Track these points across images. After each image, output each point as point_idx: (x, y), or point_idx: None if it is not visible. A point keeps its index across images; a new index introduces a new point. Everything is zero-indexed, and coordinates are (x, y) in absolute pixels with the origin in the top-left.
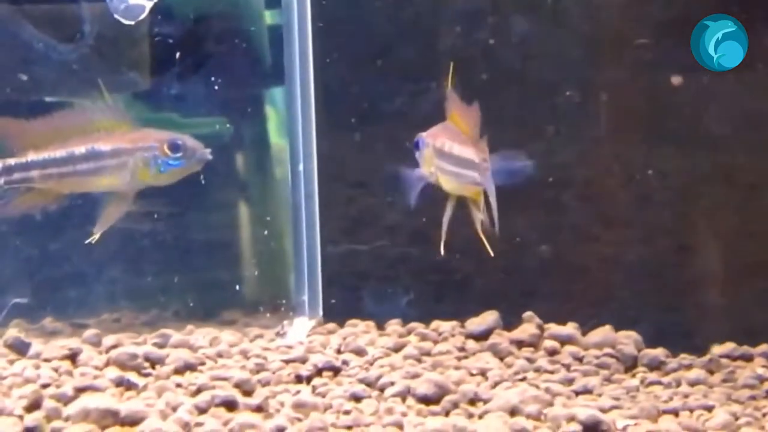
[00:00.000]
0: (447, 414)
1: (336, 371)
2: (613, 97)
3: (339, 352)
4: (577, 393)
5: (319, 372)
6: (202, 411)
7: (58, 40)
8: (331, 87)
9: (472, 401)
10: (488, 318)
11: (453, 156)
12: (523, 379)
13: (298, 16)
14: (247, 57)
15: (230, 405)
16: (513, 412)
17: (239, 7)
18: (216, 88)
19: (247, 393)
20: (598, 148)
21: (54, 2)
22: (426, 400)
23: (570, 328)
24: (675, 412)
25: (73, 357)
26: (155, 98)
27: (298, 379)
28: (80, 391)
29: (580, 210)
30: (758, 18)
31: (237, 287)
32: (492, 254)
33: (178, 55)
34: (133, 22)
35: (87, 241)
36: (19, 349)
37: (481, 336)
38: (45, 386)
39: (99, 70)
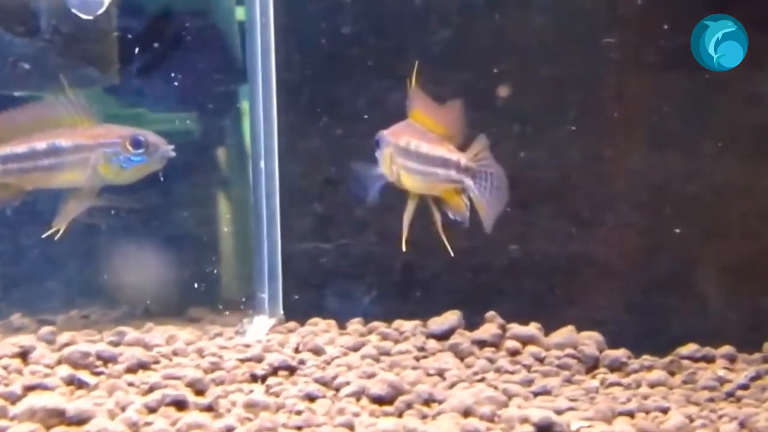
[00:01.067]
0: (400, 415)
1: (292, 370)
2: (585, 94)
3: (297, 351)
4: (536, 394)
5: (274, 371)
6: (152, 410)
7: (15, 33)
8: (293, 83)
9: (427, 402)
10: (450, 318)
11: (420, 154)
12: (482, 380)
13: (261, 12)
14: (214, 53)
15: (180, 404)
16: (467, 413)
17: (208, 3)
18: (180, 84)
19: (200, 392)
20: (568, 147)
21: None
22: (380, 400)
23: (532, 329)
24: (631, 414)
25: (24, 355)
26: (123, 93)
27: (253, 379)
28: (29, 389)
29: (548, 210)
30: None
31: (196, 285)
32: (452, 254)
33: (143, 50)
34: (91, 17)
35: (45, 235)
36: None
37: (443, 336)
38: None
39: (64, 64)
